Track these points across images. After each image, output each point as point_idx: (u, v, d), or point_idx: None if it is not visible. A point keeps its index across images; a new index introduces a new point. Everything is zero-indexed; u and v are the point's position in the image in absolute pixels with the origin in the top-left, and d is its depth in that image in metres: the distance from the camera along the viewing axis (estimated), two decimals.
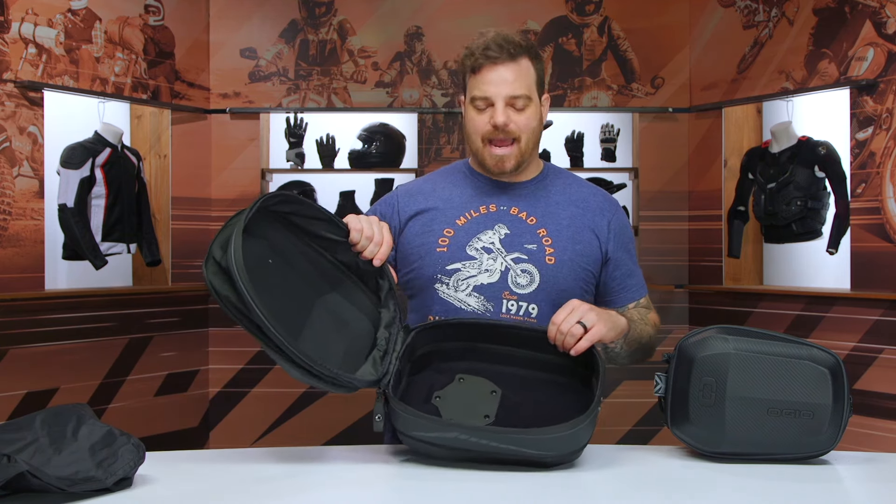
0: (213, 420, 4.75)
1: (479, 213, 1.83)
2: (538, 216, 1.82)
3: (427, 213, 1.85)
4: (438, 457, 1.50)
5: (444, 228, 1.82)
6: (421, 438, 1.48)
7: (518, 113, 1.77)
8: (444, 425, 1.50)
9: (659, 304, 4.75)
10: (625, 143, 4.95)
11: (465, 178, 1.90)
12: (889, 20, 3.81)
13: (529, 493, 1.37)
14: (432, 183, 1.92)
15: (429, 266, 1.80)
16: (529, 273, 1.77)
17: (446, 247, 1.80)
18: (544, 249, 1.79)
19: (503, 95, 1.76)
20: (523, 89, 1.77)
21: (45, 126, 4.01)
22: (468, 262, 1.78)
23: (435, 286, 1.79)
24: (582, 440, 1.48)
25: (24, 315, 3.90)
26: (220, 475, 1.51)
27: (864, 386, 3.80)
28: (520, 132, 1.78)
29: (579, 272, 1.80)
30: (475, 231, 1.81)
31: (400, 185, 1.98)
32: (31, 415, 1.43)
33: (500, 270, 1.77)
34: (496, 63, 1.76)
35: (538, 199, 1.85)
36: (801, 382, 1.54)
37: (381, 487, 1.43)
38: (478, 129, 1.79)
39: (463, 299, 1.77)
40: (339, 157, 4.88)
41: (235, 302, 1.42)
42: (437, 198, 1.87)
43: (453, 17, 4.75)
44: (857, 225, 3.93)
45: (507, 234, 1.80)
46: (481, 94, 1.77)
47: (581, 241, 1.81)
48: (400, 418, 1.49)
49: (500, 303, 1.76)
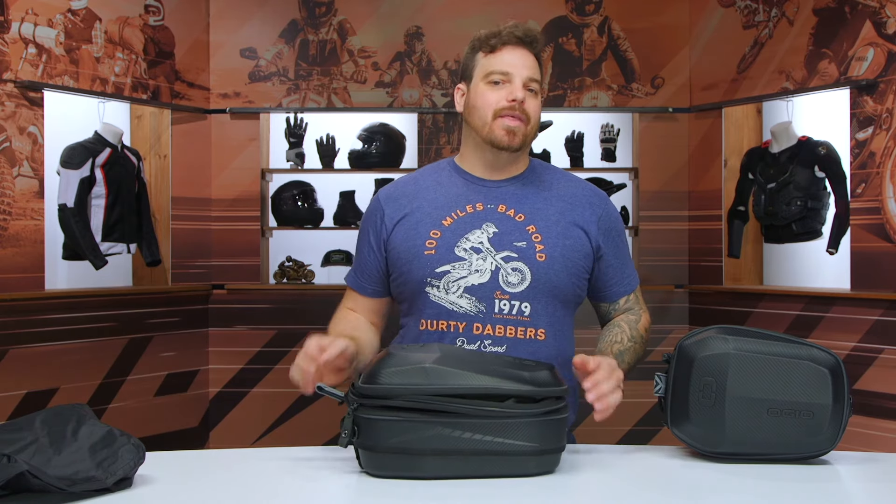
0: (213, 420, 4.75)
1: (466, 212, 1.80)
2: (526, 213, 1.80)
3: (412, 216, 1.82)
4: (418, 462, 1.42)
5: (430, 230, 1.79)
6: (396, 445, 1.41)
7: (532, 96, 1.79)
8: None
9: (659, 304, 4.79)
10: (625, 143, 4.95)
11: (450, 177, 1.87)
12: (889, 20, 3.81)
13: (529, 493, 1.37)
14: (415, 184, 1.89)
15: (417, 270, 1.77)
16: (520, 271, 1.75)
17: (434, 249, 1.77)
18: (534, 246, 1.77)
19: (523, 75, 1.78)
20: (539, 75, 1.81)
21: (45, 126, 4.01)
22: (457, 263, 1.76)
23: (426, 290, 1.77)
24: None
25: (24, 315, 3.90)
26: (220, 475, 1.51)
27: (864, 386, 3.80)
28: (531, 114, 1.79)
29: (571, 267, 1.78)
30: (463, 231, 1.78)
31: (382, 189, 1.93)
32: (31, 415, 1.43)
33: (491, 270, 1.75)
34: (518, 45, 1.79)
35: (526, 195, 1.83)
36: (801, 382, 1.54)
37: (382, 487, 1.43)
38: (490, 104, 1.78)
39: (454, 301, 1.75)
40: (339, 157, 4.88)
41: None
42: (421, 199, 1.84)
43: (453, 17, 4.75)
44: (857, 225, 3.93)
45: (496, 232, 1.77)
46: (501, 69, 1.78)
47: (571, 236, 1.80)
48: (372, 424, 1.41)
49: (493, 303, 1.74)
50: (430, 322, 1.77)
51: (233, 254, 4.79)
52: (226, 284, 4.77)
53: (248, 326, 4.77)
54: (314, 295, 4.74)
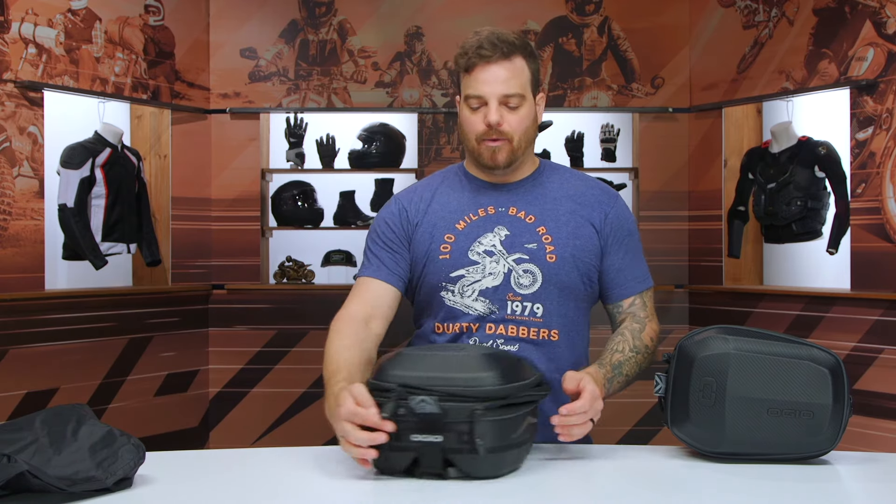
0: (213, 420, 4.75)
1: (478, 215, 1.83)
2: (536, 214, 1.82)
3: (427, 220, 1.85)
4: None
5: (444, 234, 1.82)
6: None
7: (511, 112, 1.76)
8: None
9: (659, 304, 4.73)
10: (625, 143, 4.95)
11: (461, 182, 1.89)
12: (889, 20, 3.81)
13: (529, 493, 1.37)
14: (430, 189, 1.91)
15: (433, 274, 1.81)
16: (532, 273, 1.78)
17: (448, 253, 1.80)
18: (545, 248, 1.79)
19: (497, 94, 1.75)
20: (517, 88, 1.76)
21: (45, 126, 4.01)
22: (471, 267, 1.79)
23: (441, 294, 1.80)
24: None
25: (24, 315, 3.90)
26: (220, 475, 1.51)
27: (864, 386, 3.80)
28: (513, 132, 1.77)
29: (581, 267, 1.80)
30: (476, 235, 1.81)
31: (398, 193, 1.96)
32: (31, 415, 1.43)
33: (503, 272, 1.78)
34: (490, 62, 1.74)
35: (536, 196, 1.85)
36: (801, 382, 1.54)
37: (382, 487, 1.43)
38: (473, 128, 1.79)
39: (469, 304, 1.78)
40: (339, 157, 4.88)
41: None
42: (436, 203, 1.87)
43: (453, 17, 4.75)
44: (857, 225, 3.93)
45: (508, 234, 1.80)
46: (475, 93, 1.76)
47: (581, 235, 1.81)
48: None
49: (505, 304, 1.77)
50: (446, 325, 1.80)
51: (233, 254, 4.79)
52: (226, 284, 4.77)
53: (248, 326, 4.77)
54: (314, 295, 4.74)
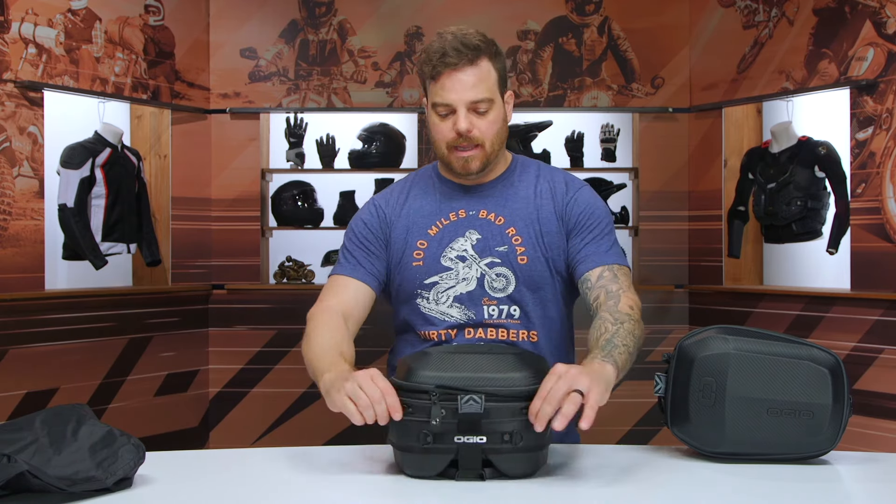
0: (213, 420, 4.75)
1: (450, 220, 1.82)
2: (506, 216, 1.81)
3: (401, 225, 1.84)
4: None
5: (417, 241, 1.81)
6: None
7: (480, 117, 1.74)
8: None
9: (659, 304, 4.79)
10: (625, 143, 4.95)
11: (433, 185, 1.88)
12: (889, 20, 3.81)
13: (529, 493, 1.37)
14: (404, 192, 1.89)
15: (408, 281, 1.80)
16: (504, 276, 1.77)
17: (422, 260, 1.79)
18: (515, 249, 1.78)
19: (465, 101, 1.72)
20: (485, 93, 1.73)
21: (45, 126, 4.01)
22: (445, 273, 1.78)
23: (416, 301, 1.80)
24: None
25: (24, 315, 3.90)
26: (220, 475, 1.51)
27: (864, 386, 3.80)
28: (483, 137, 1.75)
29: (552, 265, 1.79)
30: (448, 240, 1.80)
31: (375, 196, 1.94)
32: (31, 415, 1.43)
33: (476, 277, 1.77)
34: (455, 69, 1.71)
35: (506, 197, 1.83)
36: (801, 382, 1.54)
37: (382, 488, 1.43)
38: (443, 136, 1.76)
39: (445, 311, 1.78)
40: (339, 157, 4.88)
41: None
42: (409, 208, 1.86)
43: (453, 18, 4.74)
44: (857, 225, 3.93)
45: (479, 238, 1.79)
46: (442, 101, 1.73)
47: (548, 232, 1.79)
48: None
49: (481, 309, 1.77)
50: (426, 332, 1.79)
51: (233, 254, 4.79)
52: (226, 284, 4.77)
53: (248, 326, 4.77)
54: (314, 295, 4.67)
